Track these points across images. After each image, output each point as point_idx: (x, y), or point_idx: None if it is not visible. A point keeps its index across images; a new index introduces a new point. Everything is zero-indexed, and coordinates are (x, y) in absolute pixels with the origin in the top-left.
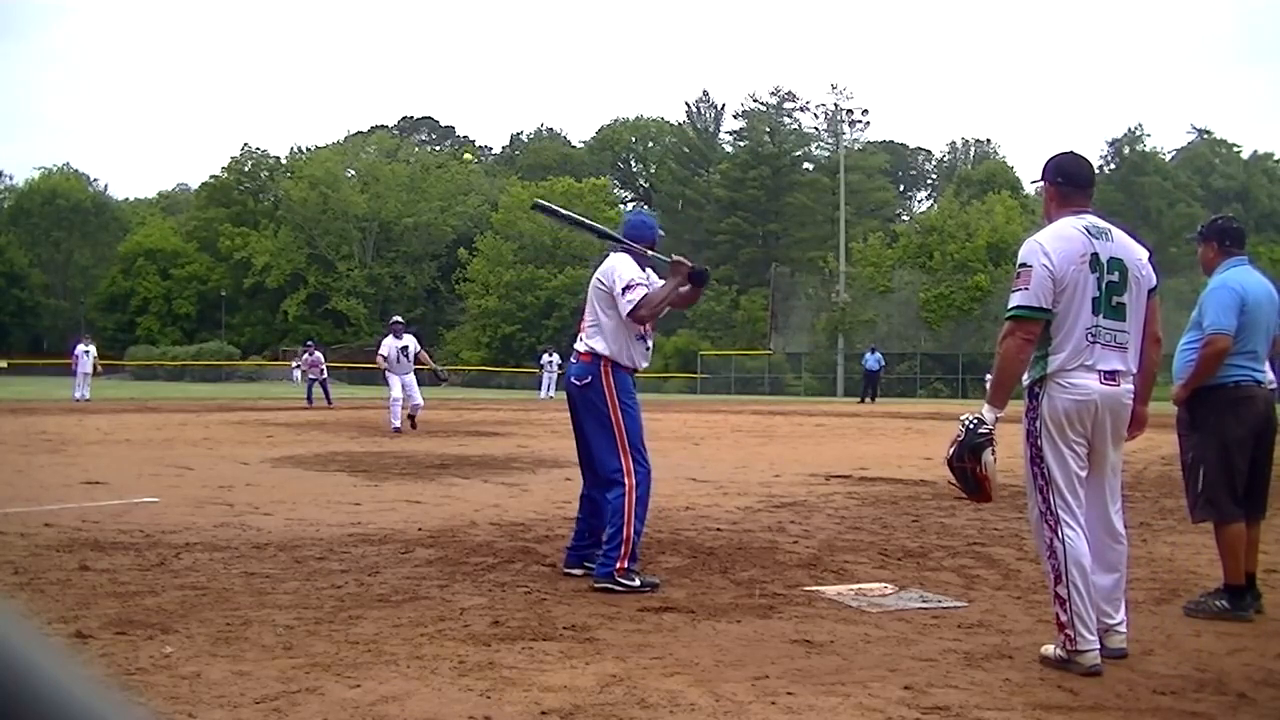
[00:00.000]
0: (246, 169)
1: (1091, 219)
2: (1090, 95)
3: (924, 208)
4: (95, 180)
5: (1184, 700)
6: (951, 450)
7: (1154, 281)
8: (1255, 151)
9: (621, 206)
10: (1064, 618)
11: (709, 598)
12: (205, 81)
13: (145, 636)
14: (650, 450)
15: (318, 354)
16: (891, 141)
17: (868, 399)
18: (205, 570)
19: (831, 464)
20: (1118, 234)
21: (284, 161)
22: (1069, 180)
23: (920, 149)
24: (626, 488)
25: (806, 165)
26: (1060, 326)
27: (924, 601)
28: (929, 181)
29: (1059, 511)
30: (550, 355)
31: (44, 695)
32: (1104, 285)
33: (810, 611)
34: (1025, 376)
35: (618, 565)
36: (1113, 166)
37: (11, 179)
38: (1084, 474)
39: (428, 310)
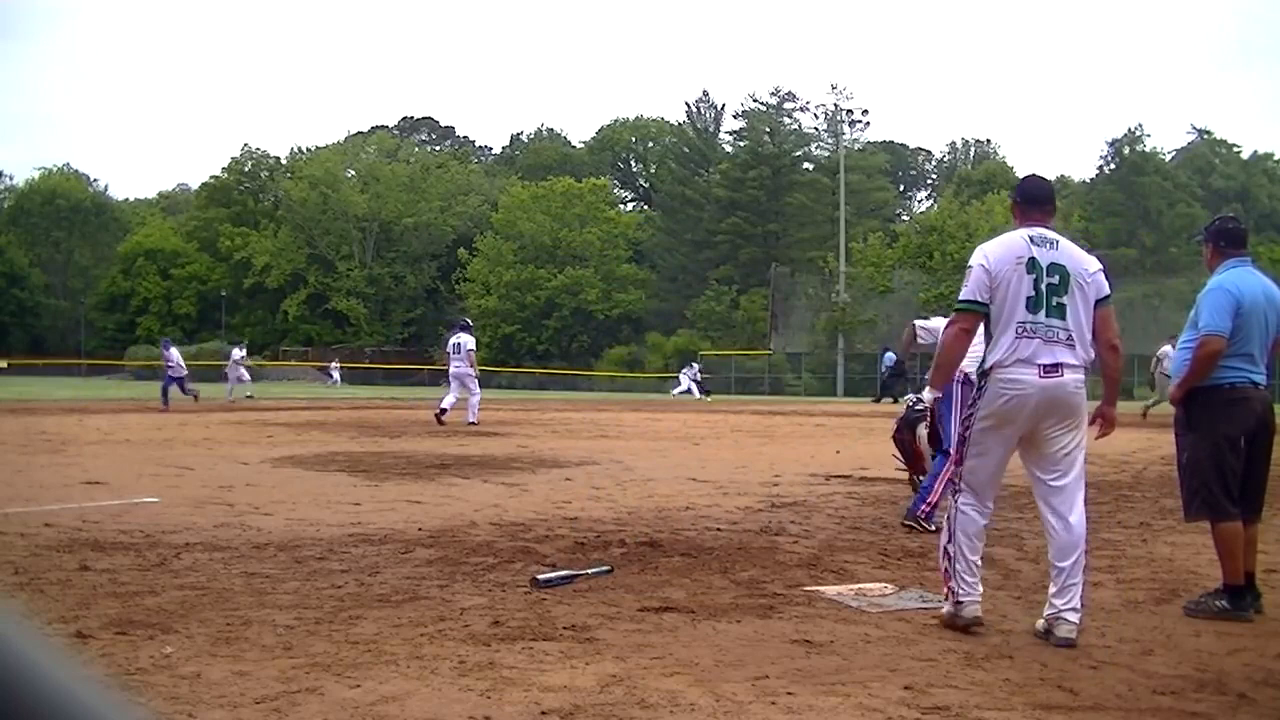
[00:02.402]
0: (246, 169)
1: (1040, 230)
2: (1090, 95)
3: (924, 208)
4: (95, 180)
5: (1184, 700)
6: (895, 425)
7: (1104, 291)
8: (1255, 151)
9: (621, 207)
10: (948, 572)
11: (709, 598)
12: (205, 81)
13: (145, 636)
14: (650, 450)
15: (173, 350)
16: (891, 141)
17: (886, 399)
18: (205, 570)
19: (831, 464)
20: (1065, 245)
21: (284, 161)
22: (1026, 199)
23: (920, 149)
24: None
25: (806, 165)
26: (998, 321)
27: (924, 601)
28: (929, 181)
29: (964, 489)
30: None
31: (44, 695)
32: (1043, 286)
33: (810, 611)
34: (976, 366)
35: (921, 508)
36: (1113, 166)
37: (11, 179)
38: (1006, 459)
39: (428, 310)
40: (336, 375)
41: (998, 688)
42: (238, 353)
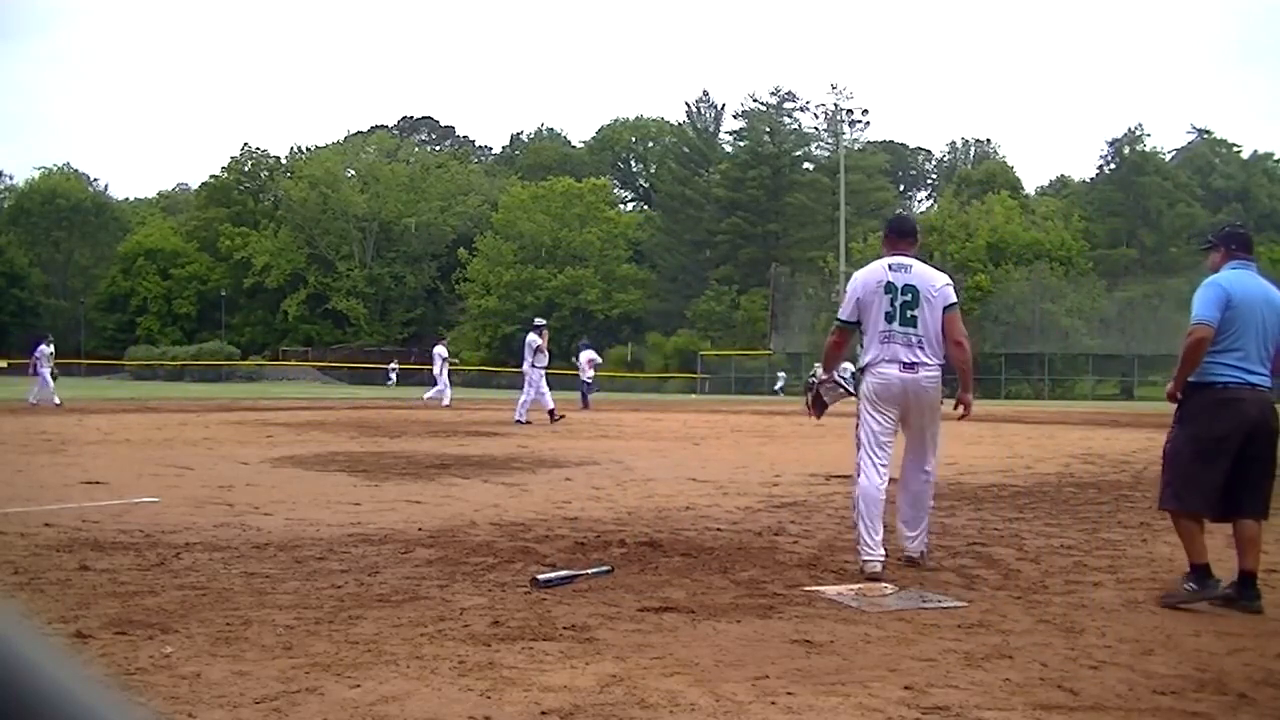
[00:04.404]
0: (246, 169)
1: (898, 259)
2: (1090, 95)
3: (924, 208)
4: (95, 180)
5: (1184, 700)
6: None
7: (950, 300)
8: (1255, 151)
9: (621, 207)
10: (855, 534)
11: (709, 598)
12: (205, 81)
13: (145, 636)
14: (650, 450)
15: None
16: (891, 141)
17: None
18: (205, 570)
19: (831, 464)
20: (918, 267)
21: (284, 161)
22: (892, 232)
23: (920, 149)
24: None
25: (806, 165)
26: (867, 332)
27: (924, 601)
28: (929, 181)
29: (862, 463)
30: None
31: (45, 695)
32: (898, 303)
33: (810, 611)
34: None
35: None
36: (1113, 166)
37: (11, 179)
38: (889, 435)
39: (428, 310)
40: (394, 375)
41: (998, 688)
42: (441, 350)
